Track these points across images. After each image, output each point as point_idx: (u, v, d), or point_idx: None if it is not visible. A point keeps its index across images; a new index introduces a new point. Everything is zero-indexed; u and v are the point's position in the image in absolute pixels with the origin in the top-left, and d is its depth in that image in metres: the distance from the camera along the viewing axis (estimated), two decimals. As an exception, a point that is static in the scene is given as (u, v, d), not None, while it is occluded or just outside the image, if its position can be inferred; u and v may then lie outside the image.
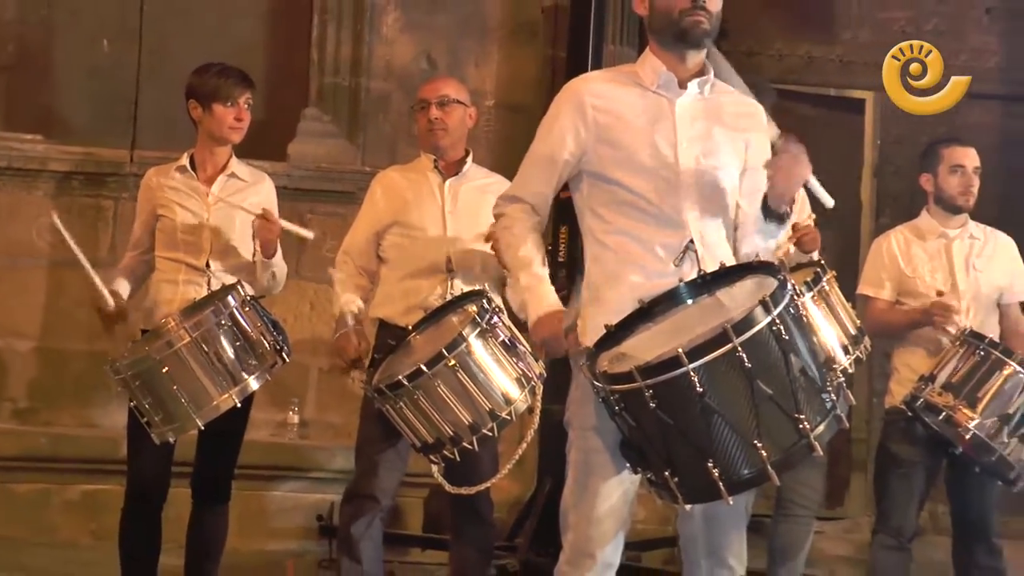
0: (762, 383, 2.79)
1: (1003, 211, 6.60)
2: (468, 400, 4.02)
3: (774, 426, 2.82)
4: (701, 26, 3.24)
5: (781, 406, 2.81)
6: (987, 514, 4.97)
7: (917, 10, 7.32)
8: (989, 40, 7.38)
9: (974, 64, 7.32)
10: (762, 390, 2.79)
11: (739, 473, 2.84)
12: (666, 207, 3.21)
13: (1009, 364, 4.53)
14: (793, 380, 2.83)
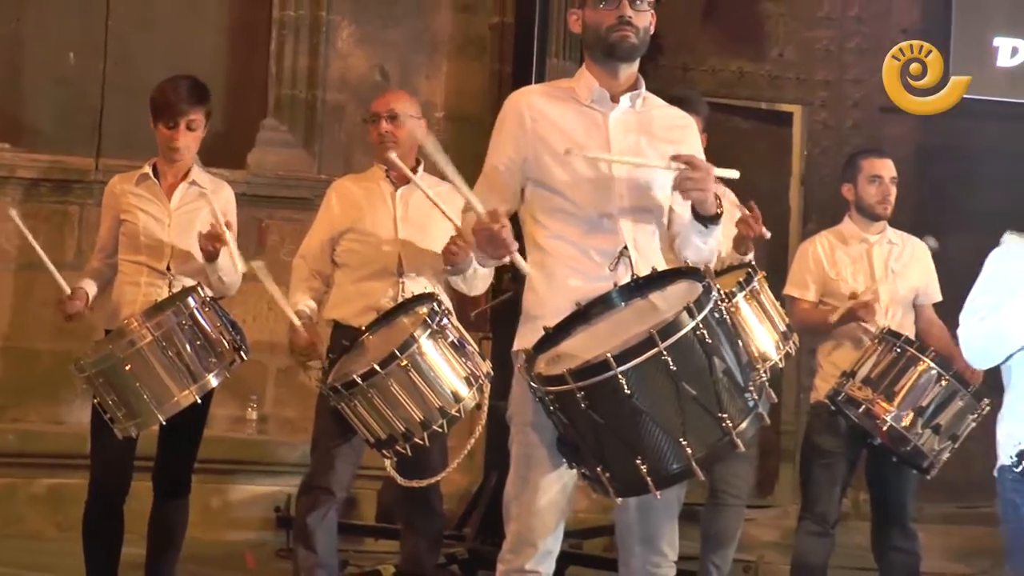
0: (687, 384, 2.81)
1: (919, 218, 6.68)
2: (419, 398, 4.03)
3: (699, 424, 2.84)
4: (628, 40, 3.24)
5: (705, 406, 2.83)
6: (904, 500, 5.01)
7: (840, 30, 7.39)
8: (905, 58, 7.47)
9: (892, 81, 7.44)
10: (687, 391, 2.81)
11: (667, 469, 2.86)
12: (601, 215, 3.22)
13: (923, 360, 4.57)
14: (716, 381, 2.85)
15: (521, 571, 3.20)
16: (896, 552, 5.03)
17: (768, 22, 7.34)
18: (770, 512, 7.03)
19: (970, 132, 7.32)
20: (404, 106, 4.62)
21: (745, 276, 4.51)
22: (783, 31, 7.37)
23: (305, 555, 4.45)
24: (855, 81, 7.43)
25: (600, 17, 3.25)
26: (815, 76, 7.41)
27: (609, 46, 3.25)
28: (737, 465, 4.85)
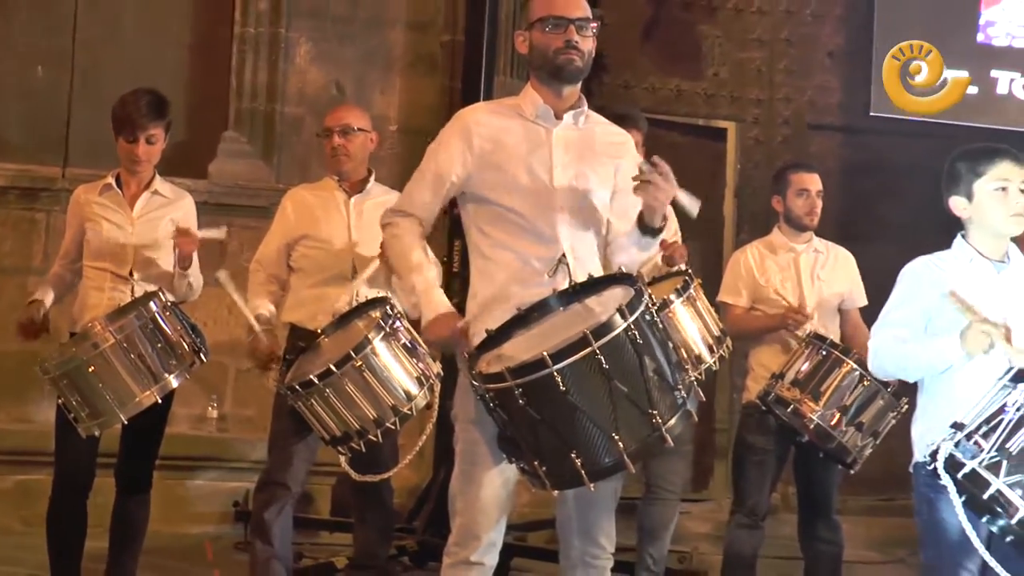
0: (619, 382, 2.81)
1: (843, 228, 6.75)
2: (373, 397, 4.03)
3: (630, 420, 2.84)
4: (574, 63, 3.26)
5: (636, 402, 2.84)
6: (828, 494, 5.05)
7: (771, 51, 7.45)
8: (830, 79, 7.52)
9: (817, 99, 7.52)
10: (619, 388, 2.81)
11: (600, 463, 2.86)
12: (541, 224, 3.23)
13: (847, 362, 4.59)
14: (647, 379, 2.85)
15: (467, 563, 3.20)
16: (821, 542, 5.06)
17: (704, 43, 7.39)
18: (705, 505, 7.06)
19: (890, 148, 7.40)
20: (356, 120, 4.61)
21: (682, 283, 4.54)
22: (718, 52, 7.42)
23: (262, 548, 4.43)
24: (785, 100, 7.50)
25: (548, 40, 3.25)
26: (748, 95, 7.47)
27: (556, 68, 3.26)
28: (672, 461, 4.88)
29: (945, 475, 3.02)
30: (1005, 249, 3.44)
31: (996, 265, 3.41)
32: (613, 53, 7.14)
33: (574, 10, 3.26)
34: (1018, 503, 2.93)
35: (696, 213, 3.23)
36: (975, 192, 3.40)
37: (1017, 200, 3.37)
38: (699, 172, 7.30)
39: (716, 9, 7.41)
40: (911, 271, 3.44)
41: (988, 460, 2.97)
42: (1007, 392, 3.02)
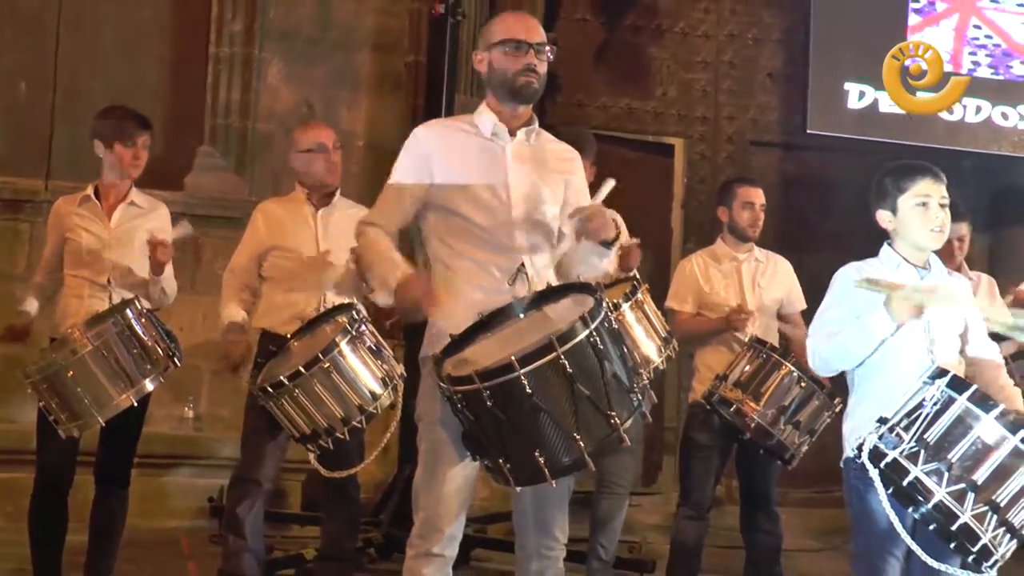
0: (581, 385, 2.81)
1: (782, 238, 6.81)
2: (340, 397, 4.02)
3: (590, 421, 2.85)
4: (532, 86, 3.26)
5: (596, 404, 2.84)
6: (768, 488, 5.07)
7: (715, 73, 7.50)
8: (770, 99, 7.58)
9: (759, 117, 7.57)
10: (581, 391, 2.82)
11: (561, 461, 2.86)
12: (500, 235, 3.22)
13: (786, 365, 4.62)
14: (607, 383, 2.86)
15: (428, 554, 3.18)
16: (761, 532, 5.09)
17: (653, 65, 7.43)
18: (654, 499, 7.08)
19: (825, 164, 7.48)
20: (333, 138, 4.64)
21: (631, 288, 4.54)
22: (666, 73, 7.46)
23: (234, 541, 4.40)
24: (729, 118, 7.55)
25: (507, 62, 3.25)
26: (694, 113, 7.50)
27: (516, 89, 3.26)
28: (622, 457, 4.88)
29: (869, 464, 3.05)
30: (927, 258, 3.48)
31: (920, 271, 3.45)
32: (567, 74, 7.16)
33: (533, 35, 3.27)
34: (934, 489, 2.96)
35: (612, 183, 3.21)
36: (899, 207, 3.43)
37: (936, 215, 3.41)
38: (648, 185, 7.34)
39: (664, 33, 7.45)
40: (842, 275, 3.47)
41: (908, 450, 3.01)
42: (926, 388, 3.06)
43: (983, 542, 2.96)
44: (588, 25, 7.32)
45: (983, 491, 2.95)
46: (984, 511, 2.95)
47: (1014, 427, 2.98)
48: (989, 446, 2.97)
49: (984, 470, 2.96)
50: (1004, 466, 2.96)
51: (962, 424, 2.99)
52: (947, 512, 2.95)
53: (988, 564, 3.02)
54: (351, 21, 6.86)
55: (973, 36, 6.99)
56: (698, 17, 7.50)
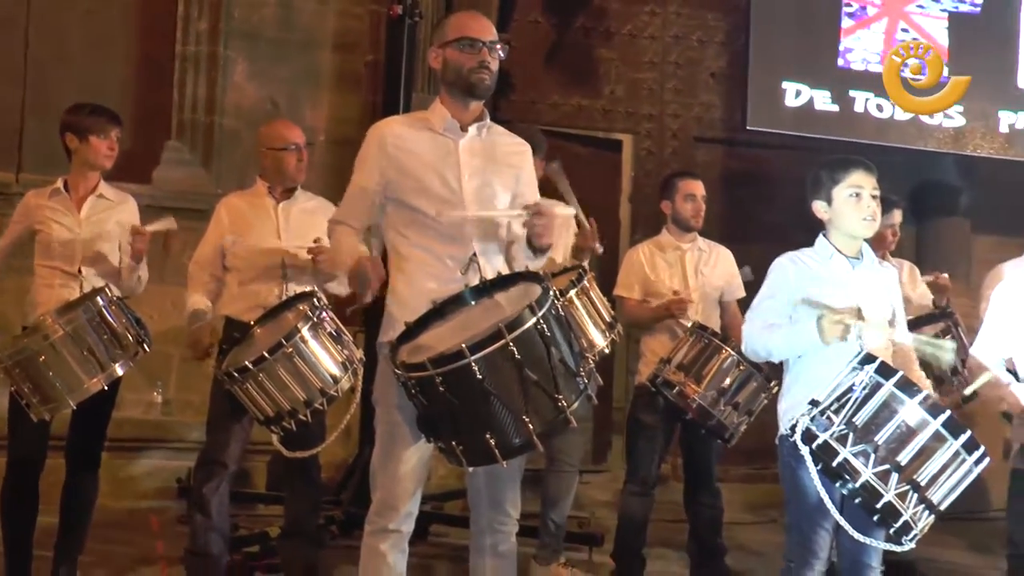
0: (529, 370, 2.82)
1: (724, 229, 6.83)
2: (302, 381, 4.00)
3: (539, 404, 2.85)
4: (485, 82, 3.26)
5: (544, 388, 2.84)
6: (710, 465, 5.11)
7: (660, 72, 7.52)
8: (713, 98, 7.61)
9: (703, 115, 7.60)
10: (529, 376, 2.82)
11: (512, 442, 2.87)
12: (453, 227, 3.22)
13: (725, 349, 4.64)
14: (554, 368, 2.86)
15: (385, 530, 3.18)
16: (703, 507, 5.13)
17: (602, 65, 7.43)
18: (604, 476, 7.10)
19: (765, 159, 7.52)
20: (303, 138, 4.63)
21: (577, 276, 4.53)
22: (614, 73, 7.46)
23: (201, 520, 4.37)
24: (674, 115, 7.57)
25: (462, 60, 3.24)
26: (641, 111, 7.52)
27: (470, 85, 3.25)
28: (572, 437, 4.89)
29: (802, 445, 3.08)
30: (860, 247, 3.52)
31: (852, 261, 3.48)
32: (520, 73, 7.16)
33: (486, 33, 3.27)
34: (861, 469, 3.00)
35: (573, 212, 3.28)
36: (834, 197, 3.46)
37: (868, 205, 3.44)
38: (598, 179, 7.34)
39: (612, 35, 7.46)
40: (778, 265, 3.50)
41: (838, 432, 3.04)
42: (855, 373, 3.10)
43: (904, 518, 3.00)
44: (540, 27, 7.31)
45: (906, 471, 2.99)
46: (906, 490, 2.99)
47: (935, 412, 3.03)
48: (912, 429, 3.01)
49: (907, 452, 3.00)
50: (925, 448, 3.01)
51: (888, 408, 3.03)
52: (872, 491, 2.99)
53: (908, 538, 3.06)
54: (313, 22, 6.82)
55: (901, 38, 7.05)
56: (645, 20, 7.51)
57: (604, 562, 5.18)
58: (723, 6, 7.53)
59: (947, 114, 7.07)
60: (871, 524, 3.11)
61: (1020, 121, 7.18)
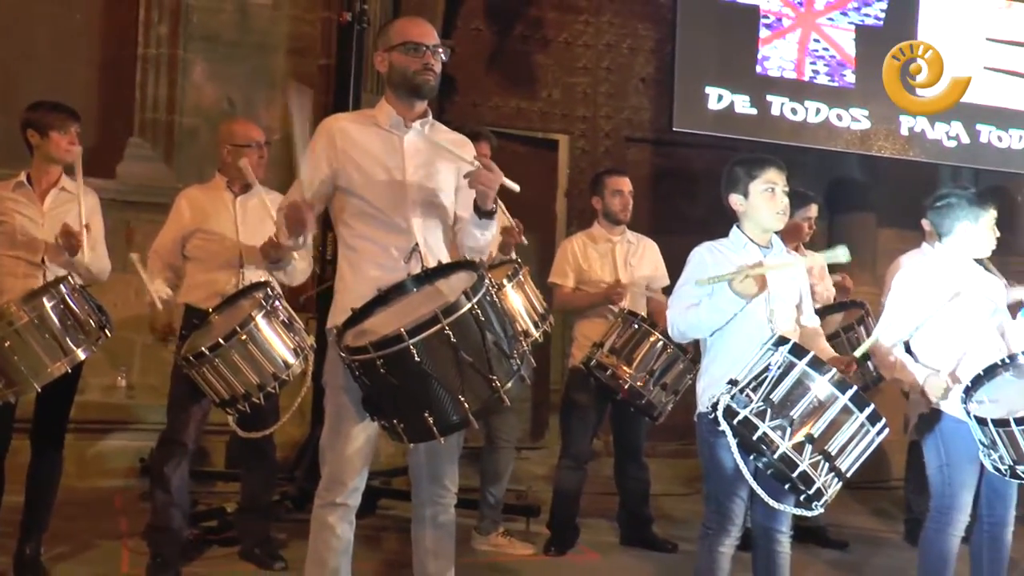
0: (464, 353, 2.81)
1: (653, 223, 6.88)
2: (256, 366, 3.98)
3: (474, 385, 2.85)
4: (430, 83, 3.24)
5: (479, 370, 2.84)
6: (639, 441, 5.16)
7: (594, 77, 7.52)
8: (643, 101, 7.62)
9: (633, 117, 7.62)
10: (465, 358, 2.82)
11: (449, 420, 2.86)
12: (397, 218, 3.20)
13: (654, 334, 4.68)
14: (488, 350, 2.86)
15: (333, 504, 3.17)
16: (632, 480, 5.18)
17: (539, 70, 7.41)
18: (541, 452, 7.10)
19: (689, 158, 7.57)
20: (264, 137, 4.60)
21: (513, 270, 4.55)
22: (551, 77, 7.45)
23: (162, 496, 4.34)
24: (606, 117, 7.58)
25: (407, 62, 3.22)
26: (576, 113, 7.52)
27: (415, 86, 3.24)
28: (508, 416, 4.91)
29: (724, 422, 3.10)
30: (770, 238, 3.55)
31: (763, 250, 3.51)
32: (463, 77, 7.12)
33: (429, 37, 3.25)
34: (778, 441, 3.03)
35: (518, 189, 3.20)
36: (750, 192, 3.49)
37: (781, 200, 3.47)
38: (536, 177, 7.33)
39: (549, 42, 7.44)
40: (697, 254, 3.52)
41: (756, 409, 3.07)
42: (771, 354, 3.13)
43: (817, 485, 3.05)
44: (482, 34, 7.28)
45: (818, 442, 3.04)
46: (818, 459, 3.04)
47: (843, 387, 3.07)
48: (823, 404, 3.06)
49: (819, 425, 3.04)
50: (835, 421, 3.05)
51: (801, 385, 3.07)
52: (789, 461, 3.03)
53: (819, 503, 3.11)
54: (268, 27, 6.72)
55: (813, 48, 7.11)
56: (579, 29, 7.51)
57: (540, 531, 5.19)
58: (652, 17, 7.56)
59: (854, 117, 7.16)
60: (783, 492, 3.15)
61: (919, 125, 7.29)
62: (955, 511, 3.76)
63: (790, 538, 3.52)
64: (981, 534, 3.90)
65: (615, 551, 5.16)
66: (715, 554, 3.42)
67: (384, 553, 4.81)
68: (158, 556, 4.32)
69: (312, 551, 3.20)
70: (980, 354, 3.74)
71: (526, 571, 4.69)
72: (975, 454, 3.70)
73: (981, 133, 7.39)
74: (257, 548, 4.56)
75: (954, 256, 3.90)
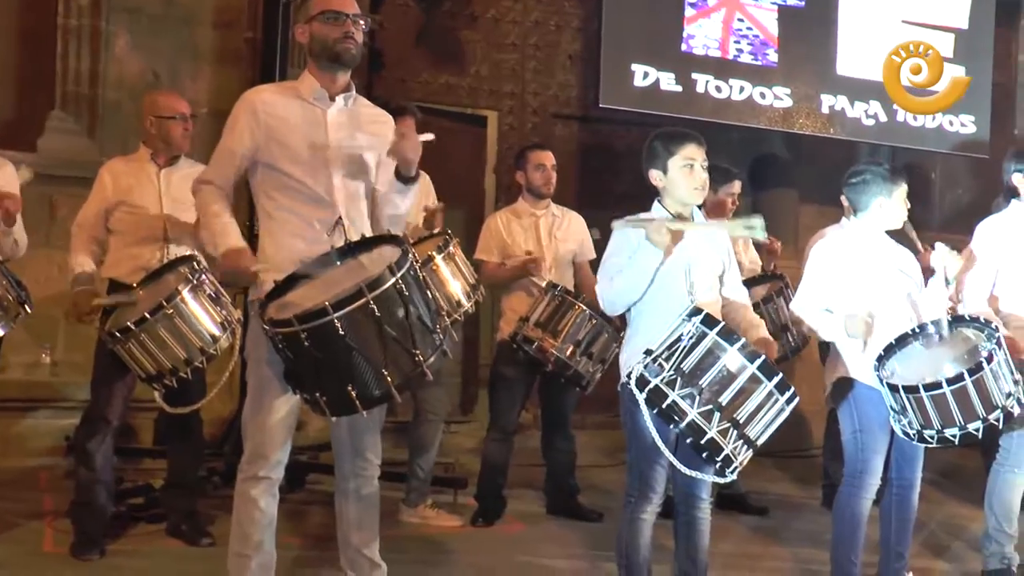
0: (388, 327, 2.80)
1: (579, 197, 6.92)
2: (183, 340, 3.92)
3: (397, 358, 2.84)
4: (351, 51, 3.21)
5: (402, 344, 2.83)
6: (566, 413, 5.19)
7: (522, 54, 7.50)
8: (570, 78, 7.63)
9: (560, 93, 7.62)
10: (388, 332, 2.80)
11: (372, 393, 2.85)
12: (320, 191, 3.17)
13: (579, 305, 4.69)
14: (411, 324, 2.85)
15: (256, 478, 3.14)
16: (558, 452, 5.21)
17: (467, 46, 7.37)
18: (471, 426, 7.12)
19: (615, 134, 7.61)
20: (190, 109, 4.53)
21: (443, 241, 4.54)
22: (479, 53, 7.41)
23: (85, 473, 4.28)
24: (534, 94, 7.58)
25: (328, 31, 3.19)
26: (504, 89, 7.50)
27: (336, 55, 3.20)
28: (436, 391, 4.91)
29: (635, 390, 3.14)
30: (690, 212, 3.57)
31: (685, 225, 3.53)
32: (392, 53, 7.06)
33: (349, 7, 3.23)
34: (687, 410, 3.08)
35: (432, 138, 3.20)
36: (669, 167, 3.51)
37: (700, 175, 3.50)
38: (464, 152, 7.32)
39: (477, 19, 7.40)
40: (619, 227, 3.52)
41: (667, 378, 3.11)
42: (684, 324, 3.16)
43: (726, 452, 3.10)
44: (410, 10, 7.21)
45: (726, 410, 3.08)
46: (727, 427, 3.08)
47: (752, 357, 3.12)
48: (732, 373, 3.10)
49: (728, 393, 3.09)
50: (744, 390, 3.10)
51: (712, 355, 3.11)
52: (698, 429, 3.07)
53: (730, 470, 3.16)
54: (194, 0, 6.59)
55: (737, 27, 7.18)
56: (507, 5, 7.48)
57: (468, 503, 5.21)
58: (580, -7, 7.57)
59: (777, 96, 7.25)
60: (701, 461, 3.19)
61: (839, 103, 7.42)
62: (867, 475, 3.86)
63: (710, 505, 3.58)
64: (890, 496, 4.01)
65: (541, 521, 5.19)
66: (637, 521, 3.46)
67: (310, 527, 4.79)
68: (82, 534, 4.26)
69: (236, 525, 3.18)
70: (892, 324, 3.83)
71: (453, 543, 4.70)
72: (886, 420, 3.79)
73: (898, 112, 7.54)
74: (184, 524, 4.50)
75: (869, 229, 3.99)
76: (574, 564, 4.44)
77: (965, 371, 3.53)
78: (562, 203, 5.35)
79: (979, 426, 3.55)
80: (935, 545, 4.93)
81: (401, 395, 2.87)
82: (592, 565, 4.40)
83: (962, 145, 7.72)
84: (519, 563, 4.44)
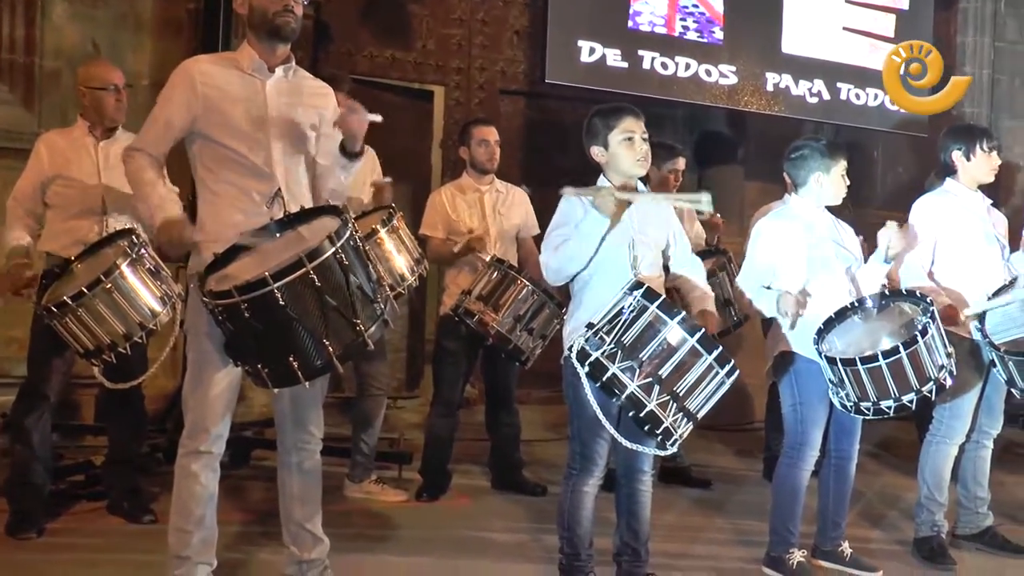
0: (328, 297, 2.79)
1: (525, 173, 6.91)
2: (122, 315, 3.85)
3: (338, 329, 2.83)
4: (290, 24, 3.18)
5: (343, 314, 2.82)
6: (509, 387, 5.19)
7: (468, 29, 7.44)
8: (517, 53, 7.59)
9: (507, 69, 7.58)
10: (329, 302, 2.79)
11: (313, 364, 2.84)
12: (259, 163, 3.14)
13: (521, 280, 4.69)
14: (352, 294, 2.83)
15: (196, 452, 3.12)
16: (503, 426, 5.23)
17: (414, 20, 7.31)
18: (416, 401, 7.12)
19: (561, 110, 7.59)
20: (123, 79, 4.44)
21: (387, 215, 4.51)
22: (426, 28, 7.35)
23: (22, 450, 4.22)
24: (480, 69, 7.53)
25: (267, 3, 3.15)
26: (450, 64, 7.45)
27: (275, 28, 3.16)
28: (379, 364, 4.89)
29: (576, 363, 3.16)
30: (636, 185, 3.59)
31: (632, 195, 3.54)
32: (338, 26, 6.98)
33: None
34: (627, 383, 3.10)
35: (380, 119, 3.18)
36: (609, 142, 3.52)
37: (640, 147, 3.52)
38: (411, 127, 7.28)
39: (424, -8, 7.36)
40: (566, 200, 3.53)
41: (608, 351, 3.13)
42: (626, 298, 3.18)
43: (665, 425, 3.12)
44: (357, -18, 7.14)
45: (666, 383, 3.11)
46: (667, 400, 3.11)
47: (692, 330, 3.15)
48: (673, 347, 3.13)
49: (668, 367, 3.11)
50: (683, 363, 3.13)
51: (652, 328, 3.13)
52: (637, 401, 3.10)
53: (671, 443, 3.19)
54: (135, -33, 6.45)
55: (684, 5, 7.20)
56: (455, -21, 7.44)
57: (413, 478, 5.21)
58: (527, -31, 7.53)
59: (723, 73, 7.30)
60: (642, 434, 3.22)
61: (783, 81, 7.49)
62: (806, 447, 3.93)
63: (652, 478, 3.62)
64: (828, 467, 4.09)
65: (486, 495, 5.21)
66: (579, 494, 3.49)
67: (254, 503, 4.76)
68: (18, 512, 4.19)
69: (176, 500, 3.15)
70: (831, 298, 3.89)
71: (398, 517, 4.70)
72: (825, 392, 3.86)
73: (841, 91, 7.64)
74: (125, 501, 4.45)
75: (809, 205, 4.04)
76: (518, 538, 4.47)
77: (900, 344, 3.60)
78: (508, 179, 5.34)
79: (913, 398, 3.63)
80: (871, 515, 5.04)
81: (343, 365, 2.86)
82: (534, 539, 4.43)
83: (903, 124, 7.85)
84: (463, 537, 4.45)
